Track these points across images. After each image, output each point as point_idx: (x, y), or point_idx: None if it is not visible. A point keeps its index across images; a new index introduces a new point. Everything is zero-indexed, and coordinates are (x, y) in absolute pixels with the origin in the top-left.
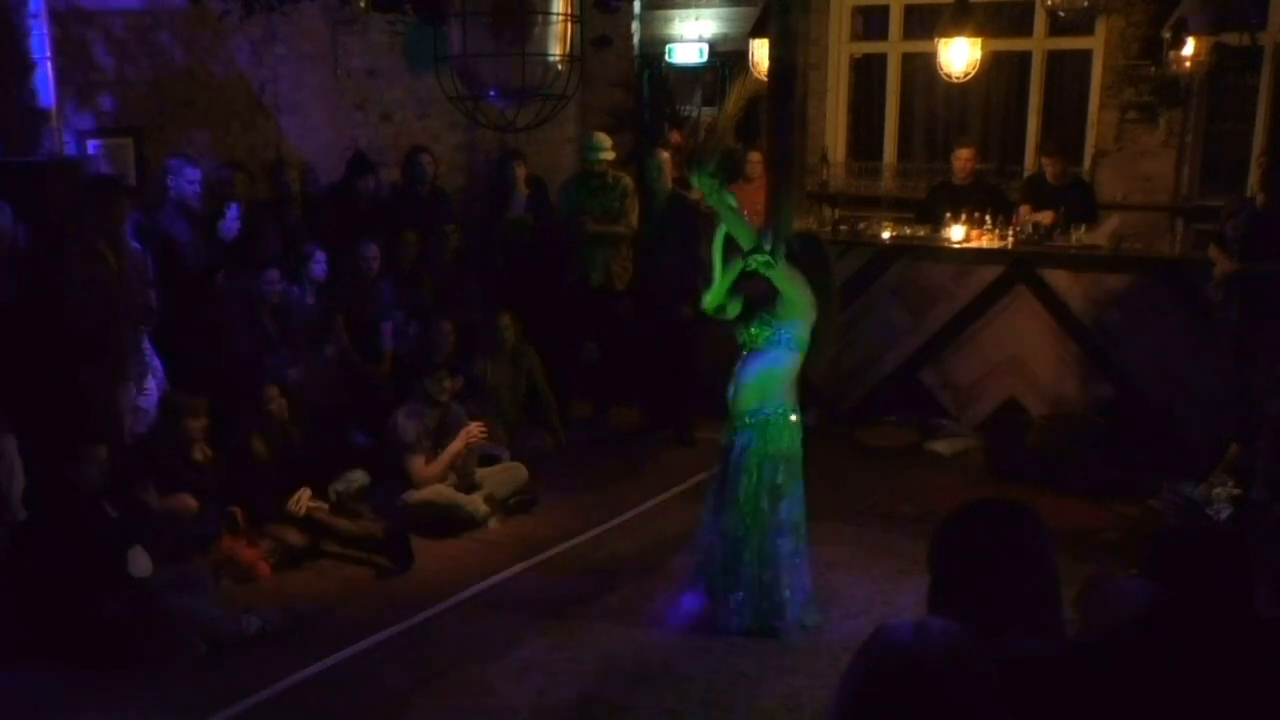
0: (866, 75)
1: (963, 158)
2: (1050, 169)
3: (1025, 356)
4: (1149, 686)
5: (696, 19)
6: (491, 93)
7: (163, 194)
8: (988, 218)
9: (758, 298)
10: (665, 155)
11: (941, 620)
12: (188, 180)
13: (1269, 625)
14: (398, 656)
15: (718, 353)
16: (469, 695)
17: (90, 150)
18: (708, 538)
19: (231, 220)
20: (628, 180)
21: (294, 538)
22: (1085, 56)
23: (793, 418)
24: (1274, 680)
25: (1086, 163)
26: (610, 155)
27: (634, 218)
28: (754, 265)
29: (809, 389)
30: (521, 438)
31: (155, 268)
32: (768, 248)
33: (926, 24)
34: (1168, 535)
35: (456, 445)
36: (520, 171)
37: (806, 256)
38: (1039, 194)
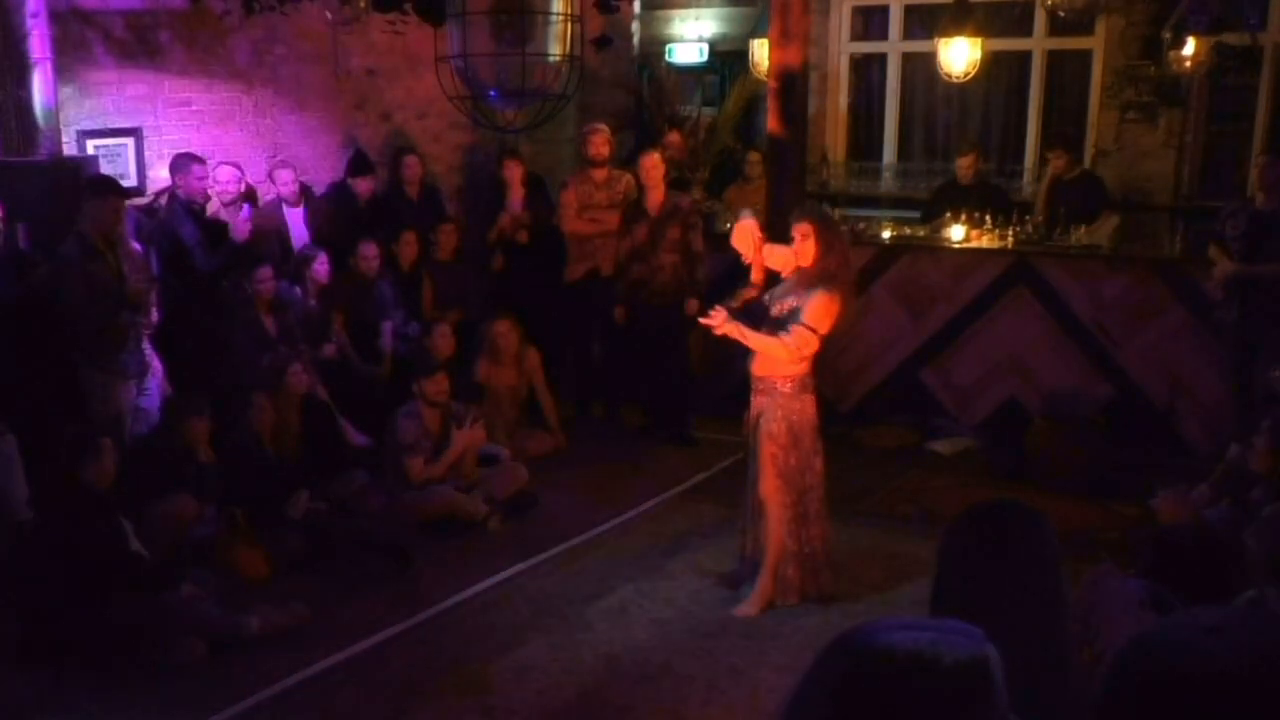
0: (866, 75)
1: (964, 165)
2: (1056, 164)
3: (1025, 356)
4: None
5: (696, 19)
6: (492, 93)
7: (168, 195)
8: (988, 218)
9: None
10: (656, 156)
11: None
12: (195, 179)
13: None
14: (398, 656)
15: (713, 352)
16: (469, 695)
17: (90, 150)
18: (747, 514)
19: (244, 220)
20: (629, 177)
21: (293, 539)
22: (1085, 56)
23: (804, 395)
24: None
25: (1087, 163)
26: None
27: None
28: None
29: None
30: (521, 438)
31: (160, 268)
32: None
33: (926, 24)
34: (1166, 536)
35: (455, 448)
36: (516, 171)
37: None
38: (1052, 192)
